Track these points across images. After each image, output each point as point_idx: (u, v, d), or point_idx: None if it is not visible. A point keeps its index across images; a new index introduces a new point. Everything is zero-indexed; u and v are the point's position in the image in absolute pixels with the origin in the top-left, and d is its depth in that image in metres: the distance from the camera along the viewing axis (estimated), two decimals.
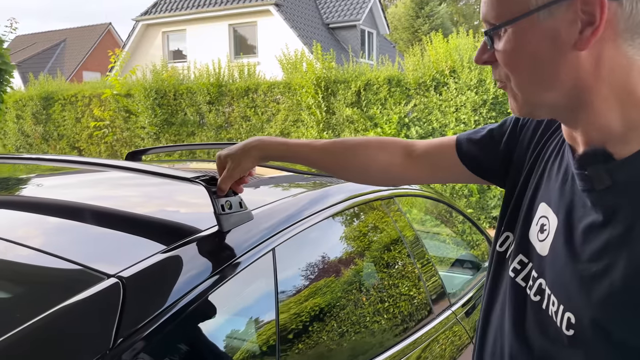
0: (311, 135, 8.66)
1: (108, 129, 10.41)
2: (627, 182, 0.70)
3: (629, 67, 0.68)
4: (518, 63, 0.72)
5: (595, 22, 0.65)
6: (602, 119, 0.71)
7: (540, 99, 0.73)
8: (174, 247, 0.92)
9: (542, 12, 0.68)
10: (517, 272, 0.87)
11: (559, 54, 0.69)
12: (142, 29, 18.00)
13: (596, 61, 0.68)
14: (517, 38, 0.71)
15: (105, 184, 1.45)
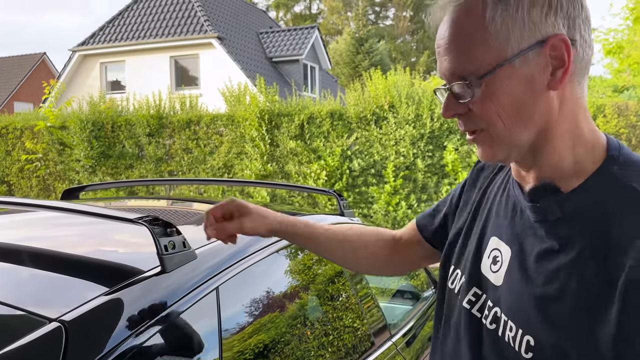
0: (255, 167, 8.66)
1: (41, 162, 9.98)
2: (575, 213, 0.76)
3: (578, 106, 0.77)
4: (498, 109, 0.76)
5: (564, 64, 0.73)
6: (557, 155, 0.77)
7: (517, 140, 0.77)
8: (116, 289, 0.91)
9: (518, 60, 0.74)
10: (472, 304, 0.91)
11: (535, 96, 0.75)
12: (79, 60, 17.54)
13: (561, 100, 0.76)
14: (495, 86, 0.75)
15: (42, 224, 1.41)
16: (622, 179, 0.73)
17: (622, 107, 7.57)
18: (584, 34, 0.75)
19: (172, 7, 17.22)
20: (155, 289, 0.96)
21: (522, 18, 0.73)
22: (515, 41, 0.73)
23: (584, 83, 0.78)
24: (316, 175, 8.37)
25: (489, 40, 0.74)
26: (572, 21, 0.74)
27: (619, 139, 7.52)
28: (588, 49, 0.76)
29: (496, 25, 0.74)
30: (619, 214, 0.71)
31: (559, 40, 0.73)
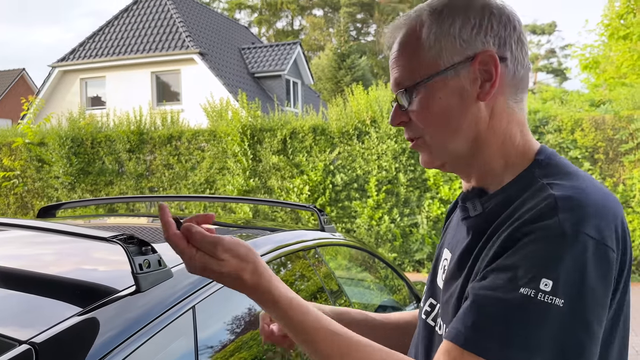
0: (237, 182, 8.62)
1: (18, 179, 9.81)
2: (492, 209, 0.82)
3: (510, 117, 0.84)
4: (432, 116, 0.84)
5: (492, 77, 0.81)
6: (488, 164, 0.85)
7: (448, 148, 0.85)
8: (90, 309, 0.89)
9: (450, 73, 0.82)
10: (428, 313, 0.96)
11: (465, 106, 0.83)
12: (59, 75, 17.37)
13: (490, 112, 0.83)
14: (430, 95, 0.84)
15: (14, 243, 1.38)
16: (537, 177, 0.79)
17: (599, 121, 7.72)
18: (516, 53, 0.83)
19: (154, 23, 17.20)
20: (130, 308, 0.94)
21: (454, 36, 0.82)
22: (448, 56, 0.82)
23: (519, 99, 0.85)
24: (299, 190, 8.36)
25: (424, 55, 0.83)
26: (503, 40, 0.82)
27: (596, 152, 7.64)
28: (520, 66, 0.84)
29: (430, 42, 0.83)
30: (522, 203, 0.77)
31: (488, 56, 0.81)
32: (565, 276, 0.68)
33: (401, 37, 0.87)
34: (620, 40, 11.91)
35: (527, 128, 0.87)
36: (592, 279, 0.68)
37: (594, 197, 0.74)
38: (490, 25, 0.82)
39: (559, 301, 0.67)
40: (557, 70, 35.44)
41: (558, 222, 0.70)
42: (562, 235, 0.69)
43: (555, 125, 7.78)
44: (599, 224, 0.71)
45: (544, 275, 0.68)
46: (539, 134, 7.82)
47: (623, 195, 7.63)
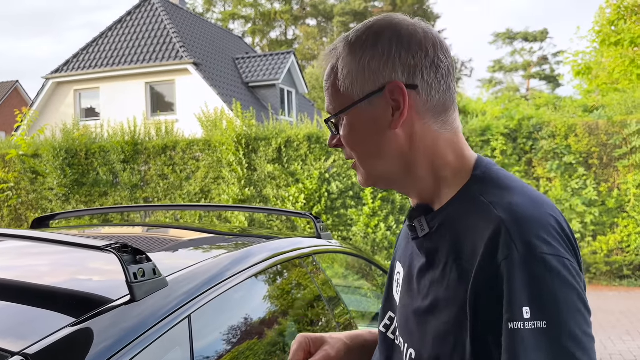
0: (233, 192, 8.60)
1: (12, 191, 9.76)
2: (438, 229, 0.85)
3: (436, 139, 0.86)
4: (354, 142, 0.89)
5: (401, 107, 0.84)
6: (423, 182, 0.88)
7: (376, 169, 0.90)
8: (83, 320, 0.88)
9: (364, 103, 0.86)
10: (388, 327, 0.98)
11: (380, 132, 0.86)
12: (53, 87, 17.35)
13: (409, 137, 0.86)
14: (350, 124, 0.88)
15: (9, 254, 1.36)
16: (477, 195, 0.82)
17: (592, 127, 7.77)
18: (428, 79, 0.84)
19: (148, 34, 17.23)
20: (125, 318, 0.92)
21: (364, 68, 0.85)
22: (360, 87, 0.86)
23: (443, 120, 0.87)
24: (295, 198, 8.35)
25: (339, 87, 0.88)
26: (412, 69, 0.84)
27: (590, 157, 7.67)
28: (435, 92, 0.85)
29: (344, 75, 0.87)
30: (469, 225, 0.80)
31: (395, 86, 0.84)
32: (538, 299, 0.70)
33: (326, 70, 0.92)
34: (612, 46, 12.01)
35: (462, 144, 0.89)
36: (562, 292, 0.71)
37: (535, 212, 0.76)
38: (398, 55, 0.84)
39: (542, 323, 0.70)
40: (550, 77, 35.68)
41: (514, 252, 0.72)
42: (526, 261, 0.72)
43: (549, 131, 7.82)
44: (555, 242, 0.74)
45: (522, 305, 0.70)
46: (533, 139, 7.86)
47: (618, 200, 7.66)
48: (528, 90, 35.29)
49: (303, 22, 38.16)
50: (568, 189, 7.73)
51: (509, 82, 37.20)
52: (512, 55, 37.21)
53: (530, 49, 36.89)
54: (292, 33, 39.43)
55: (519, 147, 7.90)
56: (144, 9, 18.19)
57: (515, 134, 7.92)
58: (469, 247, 0.78)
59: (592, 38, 13.01)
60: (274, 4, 36.43)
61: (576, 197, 7.67)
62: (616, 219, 7.68)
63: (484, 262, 0.75)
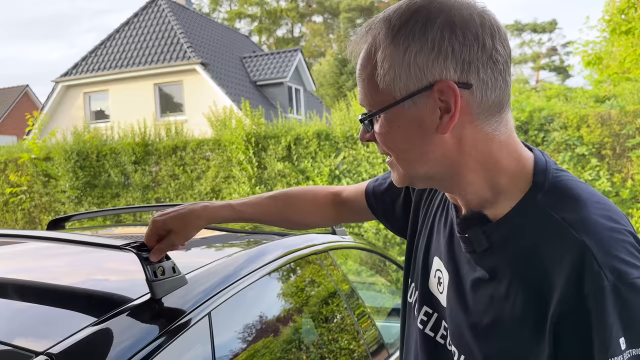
0: (243, 190, 8.62)
1: (25, 194, 9.85)
2: (500, 244, 0.77)
3: (489, 142, 0.77)
4: (392, 143, 0.79)
5: (451, 110, 0.73)
6: (473, 186, 0.79)
7: (415, 172, 0.80)
8: (105, 319, 0.88)
9: (407, 102, 0.75)
10: (425, 323, 0.92)
11: (424, 136, 0.76)
12: (62, 90, 17.48)
13: (458, 140, 0.76)
14: (388, 123, 0.78)
15: (28, 255, 1.37)
16: (544, 208, 0.74)
17: (604, 117, 7.69)
18: (484, 76, 0.74)
19: (155, 35, 17.30)
20: (146, 317, 0.93)
21: (409, 63, 0.73)
22: (403, 85, 0.75)
23: (497, 121, 0.77)
24: None
25: (378, 82, 0.76)
26: (467, 65, 0.73)
27: (603, 147, 7.58)
28: (491, 91, 0.74)
29: (384, 69, 0.75)
30: (541, 243, 0.72)
31: (446, 87, 0.73)
32: (633, 327, 0.66)
33: (361, 57, 0.80)
34: (623, 35, 11.87)
35: (517, 144, 0.80)
36: None
37: (614, 230, 0.71)
38: (451, 48, 0.72)
39: (637, 351, 0.66)
40: (560, 67, 35.36)
41: (604, 281, 0.66)
42: (615, 291, 0.66)
43: (560, 123, 7.75)
44: (633, 261, 0.68)
45: (618, 337, 0.66)
46: (545, 131, 7.79)
47: (632, 190, 7.58)
48: (537, 82, 35.00)
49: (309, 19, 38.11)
50: (581, 180, 7.67)
51: (518, 74, 36.94)
52: (521, 47, 36.96)
53: (539, 40, 36.62)
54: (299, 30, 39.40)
55: (531, 139, 7.84)
56: (150, 10, 18.26)
57: (527, 126, 7.85)
58: (541, 268, 0.71)
59: (602, 27, 12.87)
60: (280, 2, 36.43)
61: None
62: (630, 209, 7.60)
63: (568, 291, 0.68)
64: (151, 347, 0.87)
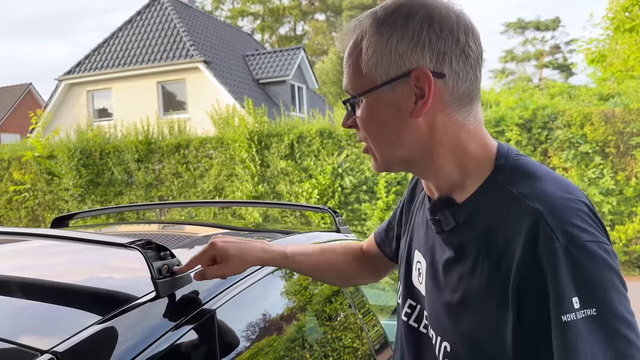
0: (246, 188, 8.63)
1: (29, 192, 9.88)
2: (465, 221, 0.83)
3: (459, 129, 0.84)
4: (372, 127, 0.86)
5: (425, 95, 0.81)
6: (444, 171, 0.86)
7: (392, 156, 0.87)
8: (110, 317, 0.88)
9: (386, 87, 0.83)
10: (409, 315, 0.98)
11: (401, 120, 0.83)
12: (65, 89, 17.51)
13: (431, 126, 0.83)
14: (369, 107, 0.85)
15: (32, 253, 1.37)
16: (504, 186, 0.80)
17: (608, 115, 7.66)
18: (457, 67, 0.81)
19: (158, 33, 17.30)
20: (150, 315, 0.92)
21: (390, 50, 0.81)
22: (384, 70, 0.82)
23: (467, 112, 0.84)
24: (308, 194, 8.35)
25: (363, 68, 0.84)
26: (441, 56, 0.80)
27: (607, 146, 7.55)
28: (462, 82, 0.82)
29: (368, 55, 0.83)
30: (500, 217, 0.78)
31: (422, 74, 0.80)
32: (586, 288, 0.70)
33: (348, 46, 0.87)
34: (627, 32, 11.82)
35: (483, 134, 0.86)
36: (606, 277, 0.71)
37: (568, 199, 0.75)
38: (428, 39, 0.80)
39: (592, 311, 0.70)
40: (563, 65, 35.25)
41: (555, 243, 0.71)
42: (567, 252, 0.71)
43: (564, 121, 7.72)
44: (584, 226, 0.73)
45: (571, 296, 0.70)
46: (548, 129, 7.77)
47: (636, 188, 7.55)
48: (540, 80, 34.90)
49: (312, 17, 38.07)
50: (585, 178, 7.64)
51: (521, 72, 36.84)
52: (524, 45, 36.84)
53: (542, 38, 36.48)
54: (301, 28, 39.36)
55: (534, 137, 7.82)
56: (153, 9, 18.26)
57: (530, 124, 7.84)
58: (502, 240, 0.77)
59: (606, 25, 12.81)
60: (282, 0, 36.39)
61: (593, 187, 7.57)
62: (634, 207, 7.58)
63: (525, 255, 0.73)
64: (157, 346, 0.87)
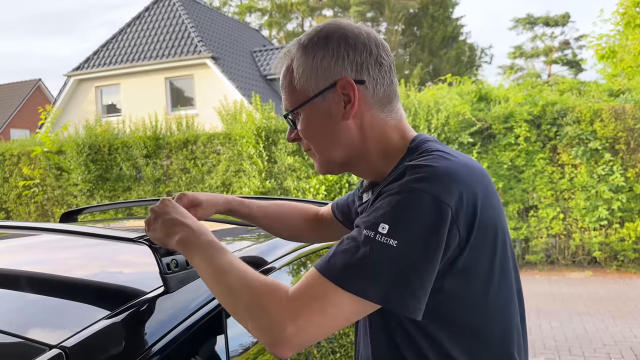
0: (253, 184, 8.63)
1: (38, 187, 9.94)
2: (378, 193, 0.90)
3: (383, 126, 0.97)
4: (311, 135, 0.99)
5: (352, 100, 0.94)
6: (375, 165, 0.99)
7: (331, 158, 1.00)
8: (118, 312, 0.88)
9: (318, 98, 0.96)
10: None
11: (334, 124, 0.96)
12: (74, 84, 17.59)
13: (360, 126, 0.96)
14: (306, 118, 0.98)
15: (41, 247, 1.38)
16: (404, 162, 0.91)
17: (619, 111, 7.58)
18: (374, 74, 0.95)
19: (166, 29, 17.33)
20: (159, 310, 0.92)
21: (317, 66, 0.95)
22: (314, 84, 0.95)
23: (389, 109, 0.98)
24: (315, 190, 8.35)
25: (295, 85, 0.97)
26: (359, 66, 0.94)
27: (617, 142, 7.45)
28: (380, 85, 0.96)
29: (299, 74, 0.96)
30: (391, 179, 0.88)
31: (346, 82, 0.93)
32: (398, 222, 0.80)
33: (282, 72, 1.00)
34: (637, 28, 11.68)
35: (404, 127, 1.00)
36: (421, 226, 0.80)
37: (442, 167, 0.84)
38: (346, 54, 0.94)
39: (393, 242, 0.79)
40: (572, 61, 34.92)
41: (402, 182, 0.84)
42: (401, 190, 0.83)
43: (573, 117, 7.66)
44: (437, 185, 0.82)
45: (381, 221, 0.81)
46: (558, 125, 7.71)
47: None
48: (549, 76, 34.62)
49: (319, 13, 37.98)
50: (594, 175, 7.57)
51: (530, 68, 36.56)
52: (533, 41, 36.53)
53: (551, 34, 36.16)
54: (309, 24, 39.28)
55: (543, 133, 7.76)
56: (161, 4, 18.29)
57: (539, 120, 7.77)
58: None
59: (616, 20, 12.66)
60: None
61: (603, 184, 7.51)
62: None
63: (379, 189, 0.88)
64: (165, 341, 0.87)
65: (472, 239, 0.84)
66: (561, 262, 7.82)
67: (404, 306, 0.80)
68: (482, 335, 0.89)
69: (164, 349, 0.86)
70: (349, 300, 0.79)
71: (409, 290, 0.79)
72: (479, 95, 8.31)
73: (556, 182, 7.70)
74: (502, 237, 0.90)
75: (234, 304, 0.83)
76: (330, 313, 0.79)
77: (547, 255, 7.93)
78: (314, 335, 0.80)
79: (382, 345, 0.92)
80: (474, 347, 0.88)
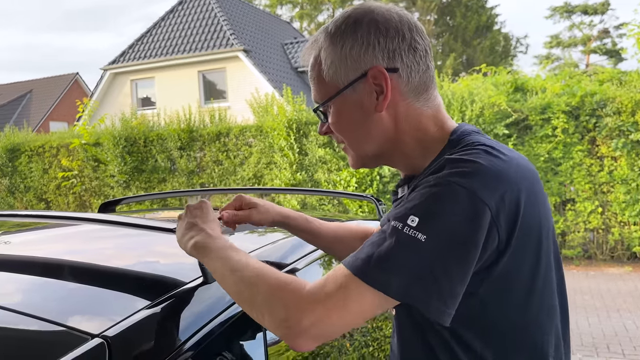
0: (284, 176, 8.67)
1: (76, 179, 10.22)
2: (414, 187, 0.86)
3: (419, 115, 0.92)
4: (343, 128, 0.94)
5: (384, 90, 0.89)
6: (410, 157, 0.94)
7: (365, 152, 0.95)
8: (158, 302, 0.89)
9: (348, 90, 0.91)
10: None
11: (367, 117, 0.91)
12: (110, 78, 17.97)
13: (394, 117, 0.91)
14: (337, 111, 0.93)
15: (81, 237, 1.41)
16: (444, 155, 0.86)
17: None
18: (408, 61, 0.89)
19: (199, 23, 17.51)
20: (198, 300, 0.93)
21: (345, 56, 0.90)
22: (344, 75, 0.91)
23: (425, 98, 0.92)
24: (346, 182, 8.32)
25: (324, 77, 0.93)
26: (391, 53, 0.89)
27: None
28: (415, 73, 0.90)
29: (327, 65, 0.92)
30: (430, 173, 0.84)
31: (377, 72, 0.88)
32: (429, 215, 0.77)
33: (310, 63, 0.97)
34: None
35: (443, 116, 0.94)
36: (454, 223, 0.75)
37: (485, 164, 0.80)
38: (377, 41, 0.88)
39: (422, 236, 0.75)
40: (612, 51, 33.73)
41: (439, 175, 0.80)
42: (437, 184, 0.79)
43: (614, 108, 7.40)
44: (477, 181, 0.77)
45: (412, 213, 0.77)
46: (597, 117, 7.47)
47: None
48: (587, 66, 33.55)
49: (350, 3, 37.72)
50: (635, 168, 7.31)
51: (567, 58, 35.51)
52: (571, 30, 35.42)
53: (590, 22, 34.98)
54: None
55: (582, 124, 7.53)
56: None
57: (578, 111, 7.54)
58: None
59: None
60: None
61: None
62: None
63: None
64: (205, 331, 0.87)
65: (513, 242, 0.78)
66: (599, 257, 7.60)
67: (426, 305, 0.75)
68: (521, 343, 0.84)
69: (203, 339, 0.86)
70: (369, 293, 0.76)
71: (434, 289, 0.74)
72: (515, 85, 8.11)
73: (595, 175, 7.47)
74: (547, 240, 0.85)
75: (250, 299, 0.81)
76: (349, 306, 0.76)
77: (585, 250, 7.72)
78: (331, 328, 0.77)
79: (413, 347, 0.89)
80: (512, 356, 0.84)
